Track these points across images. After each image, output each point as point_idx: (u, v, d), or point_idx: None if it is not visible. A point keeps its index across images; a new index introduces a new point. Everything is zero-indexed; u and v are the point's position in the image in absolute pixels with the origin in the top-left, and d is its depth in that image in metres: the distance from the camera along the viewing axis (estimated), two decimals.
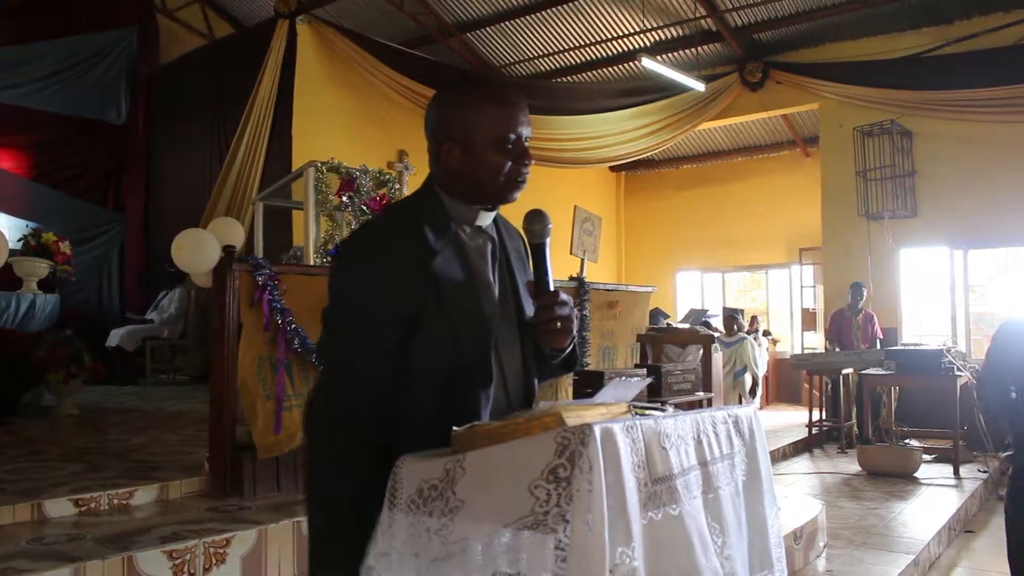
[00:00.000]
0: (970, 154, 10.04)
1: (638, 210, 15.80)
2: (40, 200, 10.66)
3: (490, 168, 1.64)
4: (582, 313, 6.60)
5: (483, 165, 1.63)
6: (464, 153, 1.64)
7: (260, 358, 4.24)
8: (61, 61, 10.97)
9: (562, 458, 1.21)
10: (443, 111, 1.68)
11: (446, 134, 1.66)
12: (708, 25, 11.14)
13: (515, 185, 1.67)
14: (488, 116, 1.63)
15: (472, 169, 1.64)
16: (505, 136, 1.63)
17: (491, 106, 1.65)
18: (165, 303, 10.17)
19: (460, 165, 1.65)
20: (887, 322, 10.28)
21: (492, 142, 1.63)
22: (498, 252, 1.75)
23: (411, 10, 11.51)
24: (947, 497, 6.76)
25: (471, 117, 1.64)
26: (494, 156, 1.63)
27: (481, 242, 1.72)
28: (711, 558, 1.38)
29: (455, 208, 1.68)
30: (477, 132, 1.63)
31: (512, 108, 1.66)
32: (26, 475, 4.26)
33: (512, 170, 1.65)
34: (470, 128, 1.63)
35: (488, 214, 1.72)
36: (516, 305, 1.75)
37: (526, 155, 1.66)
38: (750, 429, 1.62)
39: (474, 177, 1.65)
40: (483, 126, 1.63)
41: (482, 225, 1.72)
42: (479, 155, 1.63)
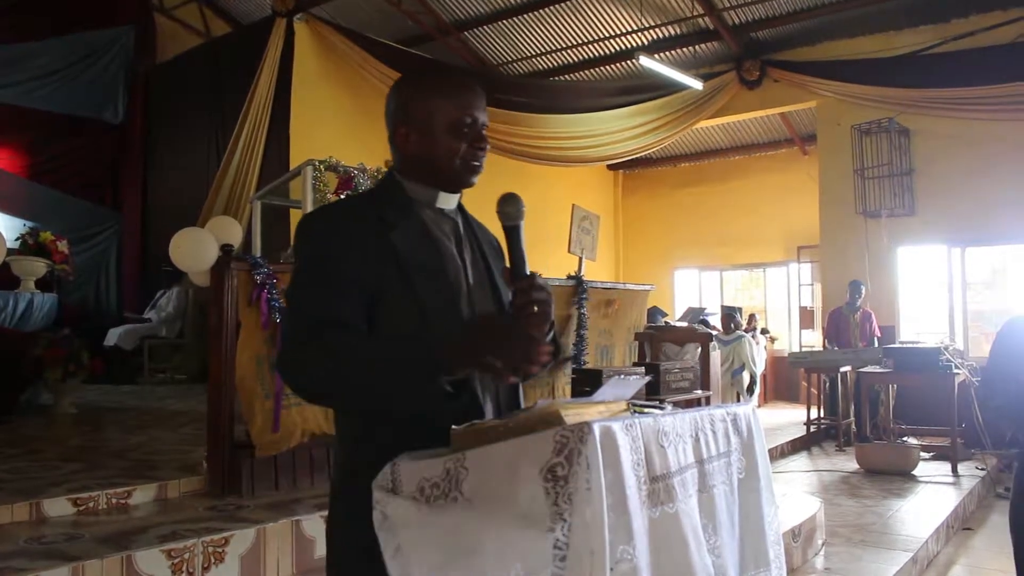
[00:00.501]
0: (968, 152, 10.05)
1: (636, 208, 15.81)
2: (37, 199, 10.64)
3: (446, 151, 1.67)
4: (580, 312, 6.60)
5: (439, 148, 1.67)
6: (420, 137, 1.68)
7: (258, 357, 4.23)
8: (58, 60, 10.95)
9: (560, 456, 1.21)
10: (400, 97, 1.72)
11: (403, 119, 1.70)
12: (705, 23, 11.14)
13: (471, 169, 1.70)
14: (444, 101, 1.67)
15: (428, 153, 1.68)
16: (460, 120, 1.67)
17: (447, 91, 1.69)
18: (163, 302, 10.16)
19: (416, 149, 1.69)
20: (885, 320, 10.30)
21: (447, 126, 1.67)
22: (464, 235, 1.76)
23: (409, 8, 11.50)
24: (945, 495, 6.77)
25: (428, 102, 1.68)
26: (449, 140, 1.67)
27: (445, 223, 1.73)
28: (704, 556, 1.38)
29: (415, 190, 1.71)
30: (433, 117, 1.67)
31: (468, 93, 1.70)
32: (24, 474, 4.26)
33: (467, 153, 1.68)
34: (426, 113, 1.67)
35: (450, 196, 1.73)
36: (495, 295, 1.75)
37: (481, 139, 1.70)
38: (748, 427, 1.62)
39: (430, 160, 1.68)
40: (439, 110, 1.67)
41: (444, 208, 1.73)
42: (435, 139, 1.67)
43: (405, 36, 11.95)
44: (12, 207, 10.30)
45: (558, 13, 11.52)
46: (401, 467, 1.42)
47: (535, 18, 11.77)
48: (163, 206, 11.14)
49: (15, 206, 10.33)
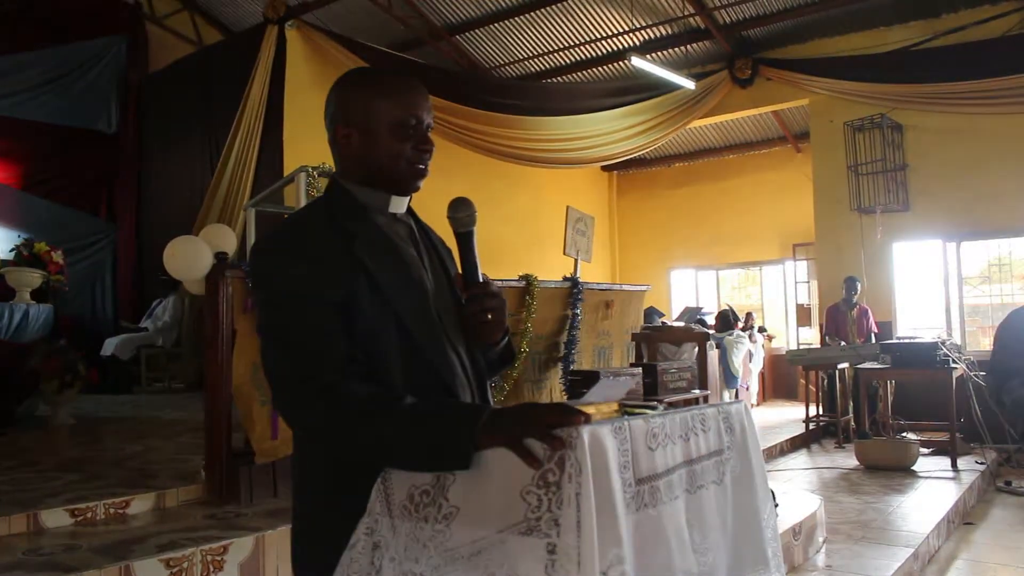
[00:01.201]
0: (961, 146, 10.07)
1: (631, 209, 15.81)
2: (31, 210, 10.62)
3: (389, 153, 1.61)
4: (574, 312, 6.61)
5: (381, 150, 1.61)
6: (361, 138, 1.62)
7: (255, 364, 4.23)
8: (50, 71, 10.93)
9: (551, 463, 1.21)
10: (341, 96, 1.66)
11: (344, 119, 1.63)
12: (697, 23, 11.15)
13: (416, 173, 1.64)
14: (386, 100, 1.61)
15: (371, 154, 1.62)
16: (403, 121, 1.61)
17: (389, 90, 1.63)
18: (159, 311, 10.15)
19: (358, 151, 1.62)
20: (881, 316, 10.31)
21: (391, 127, 1.60)
22: (420, 238, 1.71)
23: (400, 13, 11.50)
24: (945, 490, 6.77)
25: (370, 102, 1.62)
26: (392, 142, 1.61)
27: (400, 228, 1.68)
28: (687, 557, 1.37)
29: (364, 195, 1.64)
30: (375, 116, 1.61)
31: (411, 93, 1.64)
32: (21, 485, 4.25)
33: (412, 156, 1.62)
34: (368, 113, 1.61)
35: (400, 199, 1.68)
36: (454, 298, 1.70)
37: (425, 140, 1.63)
38: (741, 425, 1.61)
39: (374, 163, 1.62)
40: (381, 110, 1.61)
41: (396, 212, 1.68)
42: (377, 140, 1.61)
43: (397, 41, 11.95)
44: (6, 218, 10.28)
45: (549, 15, 11.53)
46: (392, 476, 1.42)
47: (526, 21, 11.77)
48: (157, 215, 11.12)
49: (9, 217, 10.31)
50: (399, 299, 1.55)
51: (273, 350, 1.50)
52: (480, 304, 1.60)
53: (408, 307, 1.56)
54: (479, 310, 1.60)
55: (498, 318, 1.61)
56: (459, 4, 11.63)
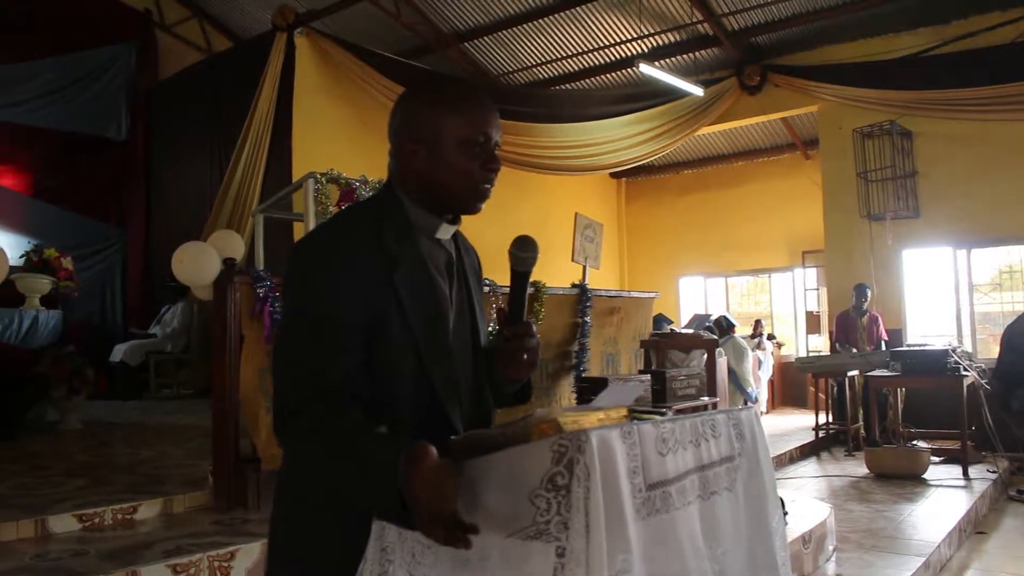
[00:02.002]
0: (971, 153, 10.03)
1: (639, 216, 15.80)
2: (41, 217, 10.68)
3: (455, 172, 1.57)
4: (583, 320, 6.60)
5: (449, 168, 1.57)
6: (429, 155, 1.57)
7: (262, 370, 4.23)
8: (61, 78, 11.00)
9: (559, 466, 1.20)
10: (409, 109, 1.62)
11: (410, 134, 1.59)
12: (705, 30, 11.14)
13: (480, 193, 1.60)
14: (457, 117, 1.57)
15: (436, 173, 1.57)
16: (473, 139, 1.56)
17: (461, 106, 1.58)
18: (168, 317, 10.17)
19: (424, 168, 1.58)
20: (891, 323, 10.26)
21: (459, 144, 1.56)
22: (456, 267, 1.68)
23: (408, 21, 11.53)
24: (957, 498, 6.72)
25: (439, 117, 1.57)
26: (460, 159, 1.56)
27: (440, 255, 1.65)
28: (702, 563, 1.36)
29: (417, 215, 1.61)
30: (444, 133, 1.56)
31: (482, 110, 1.59)
32: (30, 491, 4.26)
33: (479, 175, 1.58)
34: (437, 129, 1.57)
35: (450, 227, 1.64)
36: (471, 324, 1.69)
37: (493, 160, 1.59)
38: (751, 431, 1.60)
39: (438, 182, 1.58)
40: (451, 127, 1.56)
41: (442, 238, 1.65)
42: (445, 157, 1.56)
43: (405, 48, 11.97)
44: (16, 225, 10.34)
45: (558, 22, 11.54)
46: None
47: (535, 28, 11.78)
48: (166, 221, 11.16)
49: (19, 224, 10.37)
50: (422, 334, 1.54)
51: (278, 356, 1.53)
52: (519, 344, 1.59)
53: (427, 343, 1.55)
54: (517, 349, 1.59)
55: (531, 359, 1.61)
56: (467, 11, 11.65)
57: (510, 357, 1.60)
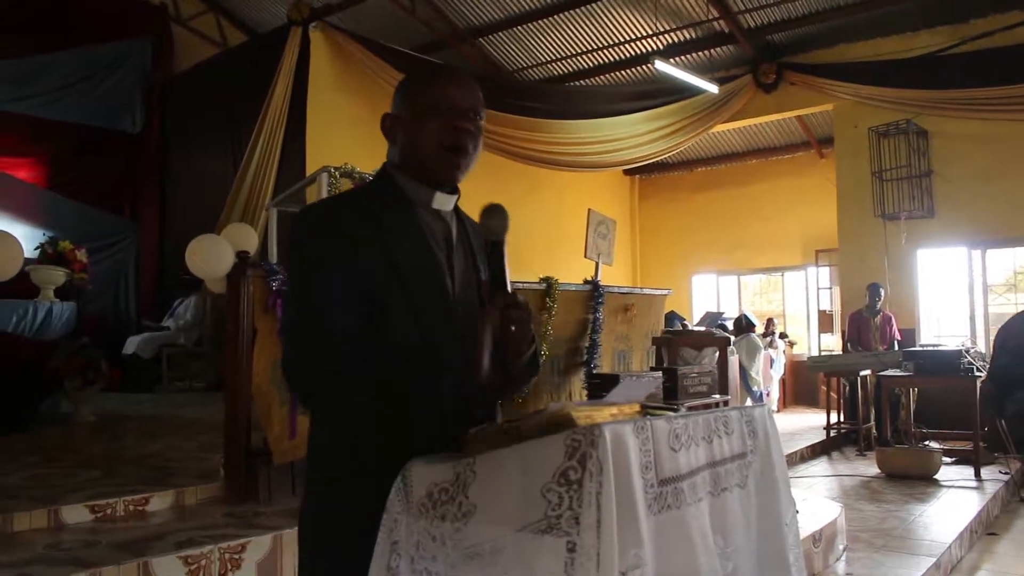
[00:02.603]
0: (987, 153, 9.97)
1: (653, 213, 15.77)
2: (56, 209, 10.74)
3: (424, 136, 1.62)
4: (595, 316, 6.59)
5: (419, 134, 1.62)
6: (404, 124, 1.65)
7: (275, 363, 4.23)
8: (77, 72, 11.06)
9: (572, 460, 1.19)
10: (395, 94, 1.71)
11: (393, 110, 1.68)
12: (721, 27, 11.10)
13: (449, 158, 1.62)
14: (425, 84, 1.64)
15: (408, 140, 1.64)
16: (438, 103, 1.61)
17: (429, 77, 1.66)
18: (181, 310, 10.20)
19: (400, 138, 1.65)
20: (904, 323, 10.21)
21: (425, 109, 1.62)
22: (455, 241, 1.69)
23: (424, 16, 11.53)
24: (968, 499, 6.69)
25: (412, 90, 1.66)
26: (426, 123, 1.62)
27: (439, 227, 1.67)
28: (712, 559, 1.36)
29: (411, 188, 1.65)
30: (415, 100, 1.64)
31: (455, 83, 1.65)
32: (43, 481, 4.28)
33: (445, 137, 1.60)
34: (409, 99, 1.65)
35: (445, 197, 1.67)
36: (480, 300, 1.69)
37: (460, 118, 1.62)
38: (764, 429, 1.60)
39: (411, 149, 1.64)
40: (421, 94, 1.63)
41: (440, 209, 1.68)
42: (416, 126, 1.62)
43: (420, 43, 11.97)
44: (31, 217, 10.39)
45: (573, 18, 11.52)
46: (413, 472, 1.41)
47: (550, 24, 11.77)
48: (181, 214, 11.21)
49: (34, 216, 10.42)
50: (425, 305, 1.57)
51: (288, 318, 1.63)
52: (505, 316, 1.55)
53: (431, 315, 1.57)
54: (504, 321, 1.56)
55: (521, 332, 1.57)
56: (482, 7, 11.64)
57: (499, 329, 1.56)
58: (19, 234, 7.83)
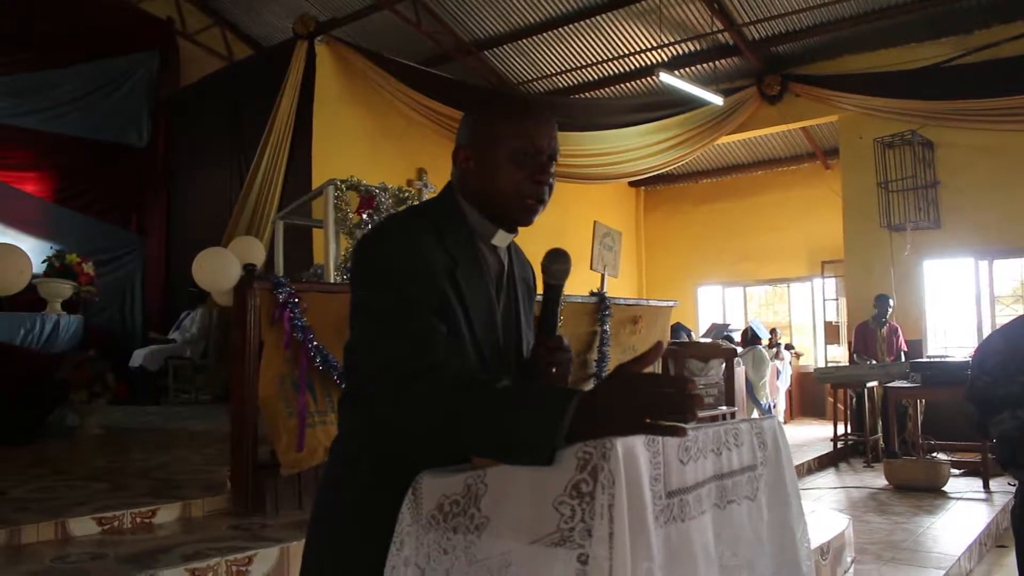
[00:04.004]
0: (993, 163, 9.96)
1: (658, 225, 15.78)
2: (63, 223, 10.79)
3: (503, 181, 1.57)
4: (602, 329, 6.59)
5: (497, 177, 1.57)
6: (480, 163, 1.59)
7: (281, 376, 4.24)
8: (83, 86, 11.13)
9: (584, 473, 1.19)
10: (469, 120, 1.64)
11: (467, 142, 1.61)
12: (725, 39, 11.13)
13: (529, 206, 1.59)
14: (507, 126, 1.57)
15: (487, 182, 1.58)
16: (522, 149, 1.55)
17: (512, 117, 1.58)
18: (187, 323, 10.23)
19: (475, 176, 1.60)
20: (911, 334, 10.19)
21: (508, 154, 1.56)
22: (504, 279, 1.68)
23: (429, 29, 11.57)
24: (977, 511, 6.66)
25: (492, 126, 1.58)
26: (508, 168, 1.56)
27: (494, 261, 1.65)
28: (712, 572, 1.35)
29: (475, 220, 1.61)
30: (495, 142, 1.57)
31: (534, 121, 1.58)
32: (50, 494, 4.29)
33: (527, 187, 1.56)
34: (489, 138, 1.58)
35: (506, 235, 1.65)
36: (516, 335, 1.69)
37: (542, 171, 1.57)
38: (774, 441, 1.59)
39: (488, 191, 1.59)
40: (501, 136, 1.56)
41: (498, 245, 1.65)
42: (494, 166, 1.57)
43: (425, 56, 12.01)
44: (39, 231, 10.45)
45: (578, 31, 11.55)
46: (423, 484, 1.41)
47: (555, 36, 11.80)
48: (187, 227, 11.25)
49: (41, 230, 10.48)
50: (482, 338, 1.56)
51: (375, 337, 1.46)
52: (550, 357, 1.61)
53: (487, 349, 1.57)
54: (548, 363, 1.61)
55: (562, 373, 1.62)
56: (487, 20, 11.68)
57: (541, 369, 1.61)
58: (27, 247, 7.87)
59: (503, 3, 11.28)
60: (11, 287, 6.71)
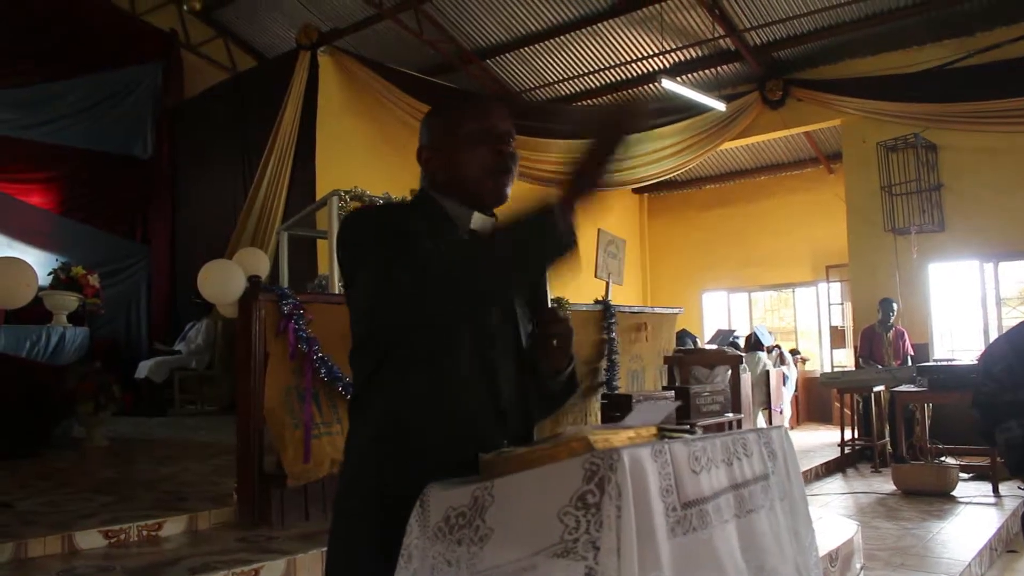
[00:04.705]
0: (997, 166, 9.94)
1: (662, 231, 15.76)
2: (68, 234, 10.82)
3: (468, 162, 1.65)
4: (610, 336, 6.57)
5: (462, 160, 1.65)
6: (441, 154, 1.68)
7: (287, 387, 4.24)
8: (87, 98, 11.17)
9: (591, 484, 1.19)
10: (425, 123, 1.75)
11: (428, 142, 1.71)
12: (727, 45, 11.13)
13: (497, 180, 1.67)
14: (460, 113, 1.68)
15: (454, 169, 1.67)
16: (478, 128, 1.66)
17: (463, 105, 1.71)
18: (192, 334, 10.23)
19: (443, 167, 1.68)
20: (917, 338, 10.16)
21: (466, 136, 1.65)
22: None
23: (431, 38, 11.60)
24: (987, 516, 6.62)
25: (447, 120, 1.70)
26: (471, 149, 1.65)
27: None
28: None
29: (452, 208, 1.68)
30: (451, 130, 1.67)
31: (482, 104, 1.72)
32: (57, 507, 4.28)
33: (491, 160, 1.65)
34: (446, 129, 1.68)
35: (482, 218, 1.69)
36: (513, 324, 1.72)
37: (503, 142, 1.67)
38: (782, 450, 1.59)
39: (458, 177, 1.67)
40: (455, 123, 1.67)
41: (476, 228, 1.69)
42: (457, 152, 1.66)
43: (428, 65, 12.05)
44: (44, 242, 10.47)
45: (579, 39, 11.57)
46: (431, 496, 1.40)
47: (557, 44, 11.83)
48: (191, 239, 11.26)
49: (47, 241, 10.50)
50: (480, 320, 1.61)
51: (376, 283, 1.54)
52: (548, 330, 1.66)
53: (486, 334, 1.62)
54: (547, 337, 1.66)
55: (562, 344, 1.67)
56: (489, 29, 11.71)
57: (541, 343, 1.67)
58: (32, 260, 7.89)
59: (505, 12, 11.31)
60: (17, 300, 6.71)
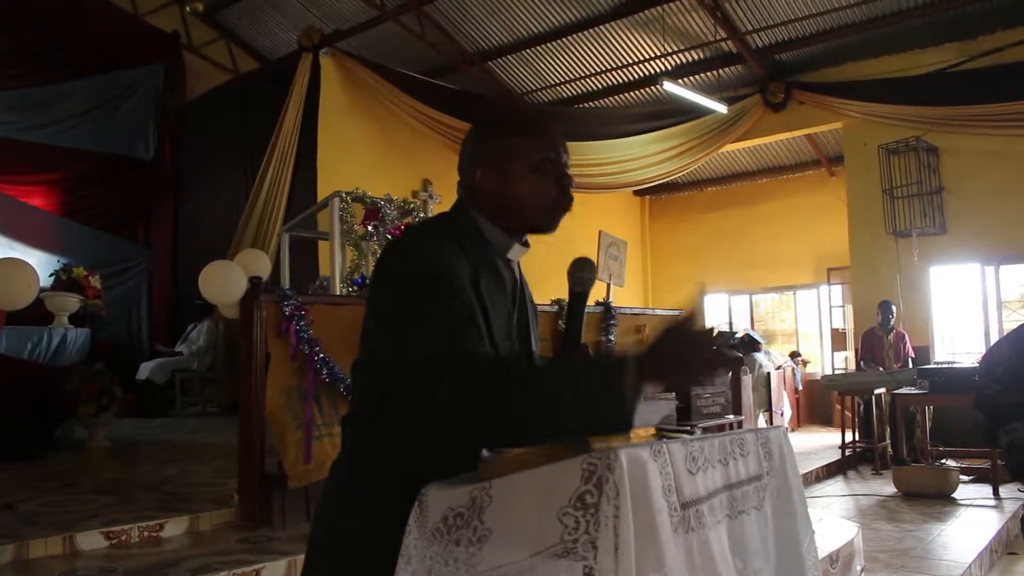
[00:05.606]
0: (998, 168, 9.94)
1: (663, 234, 15.76)
2: (70, 236, 10.83)
3: (532, 192, 1.60)
4: (608, 338, 6.58)
5: (523, 187, 1.60)
6: (501, 177, 1.61)
7: (288, 388, 4.25)
8: (90, 99, 11.18)
9: (589, 484, 1.19)
10: (479, 137, 1.67)
11: (482, 159, 1.63)
12: (729, 47, 11.14)
13: (560, 211, 1.63)
14: (526, 138, 1.61)
15: (511, 193, 1.60)
16: (543, 156, 1.60)
17: (528, 128, 1.63)
18: (194, 335, 10.24)
19: (496, 190, 1.61)
20: (918, 340, 10.15)
21: (534, 165, 1.60)
22: (516, 292, 1.69)
23: (433, 40, 11.61)
24: (987, 518, 6.62)
25: (510, 141, 1.62)
26: (533, 178, 1.60)
27: (508, 275, 1.66)
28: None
29: (493, 234, 1.63)
30: (518, 156, 1.60)
31: (549, 129, 1.64)
32: (58, 508, 4.30)
33: (554, 191, 1.61)
34: (510, 152, 1.61)
35: (520, 249, 1.67)
36: (528, 349, 1.70)
37: (567, 176, 1.62)
38: (780, 450, 1.59)
39: (514, 202, 1.61)
40: (524, 149, 1.60)
41: (512, 259, 1.67)
42: (518, 177, 1.60)
43: (430, 67, 12.05)
44: (46, 244, 10.48)
45: (581, 41, 11.58)
46: (429, 497, 1.41)
47: (559, 46, 11.83)
48: (193, 240, 11.27)
49: (48, 243, 10.51)
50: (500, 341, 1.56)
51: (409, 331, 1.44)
52: None
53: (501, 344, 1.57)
54: None
55: None
56: (491, 30, 11.72)
57: None
58: (34, 261, 7.89)
59: (507, 14, 11.32)
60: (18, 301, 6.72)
